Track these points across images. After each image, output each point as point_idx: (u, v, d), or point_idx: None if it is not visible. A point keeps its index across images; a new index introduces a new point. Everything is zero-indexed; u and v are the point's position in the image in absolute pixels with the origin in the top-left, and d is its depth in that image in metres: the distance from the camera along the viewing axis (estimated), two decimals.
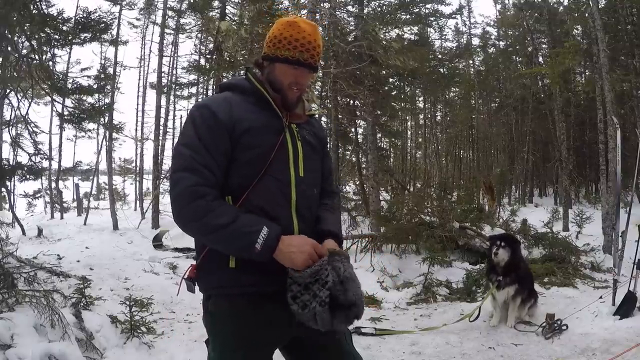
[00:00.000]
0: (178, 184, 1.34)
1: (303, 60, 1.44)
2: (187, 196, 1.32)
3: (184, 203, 1.32)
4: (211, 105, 1.42)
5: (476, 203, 9.47)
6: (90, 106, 8.03)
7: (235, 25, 9.89)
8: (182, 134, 1.43)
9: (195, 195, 1.31)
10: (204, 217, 1.31)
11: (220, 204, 1.34)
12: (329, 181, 1.70)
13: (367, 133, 11.98)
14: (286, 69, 1.45)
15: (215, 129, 1.37)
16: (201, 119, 1.39)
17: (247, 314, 1.40)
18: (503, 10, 22.43)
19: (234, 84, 1.53)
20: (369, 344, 3.81)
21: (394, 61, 8.65)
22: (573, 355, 3.49)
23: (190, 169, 1.34)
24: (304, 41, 1.44)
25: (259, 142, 1.41)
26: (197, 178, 1.33)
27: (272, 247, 1.31)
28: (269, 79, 1.49)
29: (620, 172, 4.98)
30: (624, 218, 4.56)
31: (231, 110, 1.41)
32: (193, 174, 1.33)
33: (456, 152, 26.08)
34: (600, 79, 8.55)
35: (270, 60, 1.48)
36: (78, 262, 6.33)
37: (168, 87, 15.84)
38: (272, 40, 1.47)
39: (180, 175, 1.34)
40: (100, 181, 21.69)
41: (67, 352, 2.72)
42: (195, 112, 1.42)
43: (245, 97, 1.47)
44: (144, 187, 18.44)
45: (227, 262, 1.38)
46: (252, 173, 1.39)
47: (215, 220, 1.30)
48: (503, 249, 4.23)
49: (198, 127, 1.38)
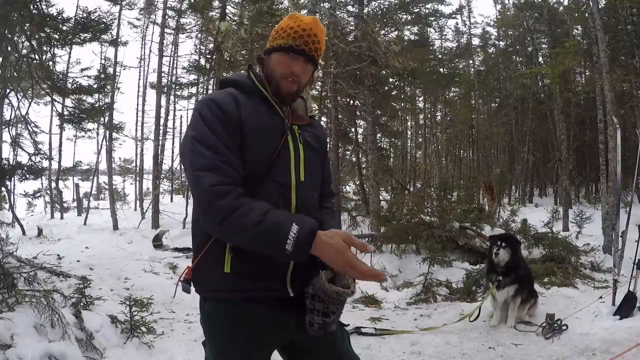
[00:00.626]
0: (199, 183, 1.26)
1: (296, 46, 1.39)
2: (210, 195, 1.24)
3: (208, 204, 1.25)
4: (218, 99, 1.37)
5: (476, 203, 9.47)
6: (90, 106, 8.03)
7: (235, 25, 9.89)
8: (194, 129, 1.34)
9: (219, 194, 1.24)
10: (230, 216, 1.22)
11: (247, 201, 1.25)
12: (328, 183, 1.66)
13: (367, 133, 11.97)
14: (279, 57, 1.41)
15: (227, 123, 1.33)
16: (211, 113, 1.33)
17: (243, 317, 1.39)
18: (503, 10, 22.44)
19: (237, 81, 1.47)
20: (369, 344, 3.81)
21: (393, 62, 8.65)
22: (573, 355, 3.49)
23: (210, 167, 1.27)
24: (298, 29, 1.40)
25: (262, 143, 1.37)
26: (219, 176, 1.26)
27: (306, 246, 1.20)
28: (266, 72, 1.46)
29: (620, 172, 4.98)
30: (624, 218, 4.56)
31: (238, 107, 1.36)
32: (214, 172, 1.26)
33: (456, 152, 26.11)
34: (600, 79, 8.56)
35: (268, 52, 1.46)
36: (78, 262, 6.33)
37: (168, 87, 15.87)
38: (273, 34, 1.45)
39: (201, 175, 1.26)
40: (100, 181, 21.70)
41: (67, 352, 2.73)
42: (203, 107, 1.35)
43: (248, 96, 1.43)
44: (144, 187, 18.46)
45: (222, 266, 1.35)
46: (253, 175, 1.35)
47: (241, 220, 1.22)
48: (504, 249, 4.22)
49: (210, 121, 1.32)
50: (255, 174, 1.36)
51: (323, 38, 1.46)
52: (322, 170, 1.60)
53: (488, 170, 20.57)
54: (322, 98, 11.37)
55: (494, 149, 24.15)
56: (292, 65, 1.41)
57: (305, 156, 1.46)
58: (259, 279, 1.36)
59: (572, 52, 12.15)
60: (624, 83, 13.27)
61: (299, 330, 1.41)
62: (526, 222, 8.51)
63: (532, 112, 18.80)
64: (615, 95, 9.95)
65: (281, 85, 1.42)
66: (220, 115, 1.33)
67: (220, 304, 1.39)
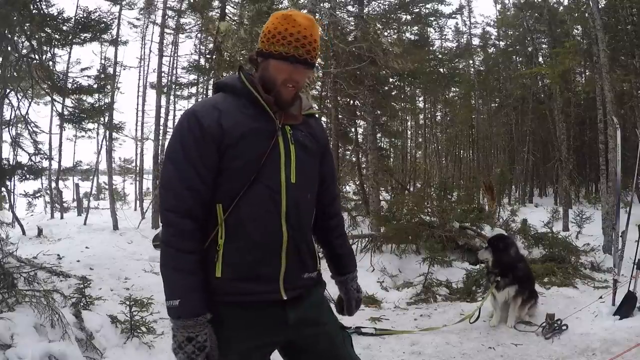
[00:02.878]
0: (160, 200, 1.41)
1: (298, 56, 1.38)
2: (164, 217, 1.38)
3: (162, 222, 1.39)
4: (199, 113, 1.38)
5: (476, 203, 9.45)
6: (90, 106, 8.04)
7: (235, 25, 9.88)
8: (170, 144, 1.42)
9: (166, 221, 1.37)
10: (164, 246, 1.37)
11: (177, 244, 1.35)
12: (328, 182, 1.63)
13: (367, 133, 11.97)
14: (281, 65, 1.39)
15: (201, 141, 1.35)
16: (187, 129, 1.37)
17: (237, 320, 1.40)
18: (503, 10, 22.42)
19: (227, 85, 1.47)
20: (369, 344, 3.81)
21: (392, 63, 8.64)
22: (573, 355, 3.49)
23: (169, 188, 1.38)
24: (299, 36, 1.37)
25: (250, 148, 1.37)
26: (173, 201, 1.36)
27: (171, 316, 1.37)
28: (263, 75, 1.43)
29: (620, 172, 4.97)
30: (624, 218, 4.55)
31: (220, 118, 1.36)
32: (169, 195, 1.37)
33: (456, 152, 26.10)
34: (600, 79, 8.55)
35: (264, 56, 1.42)
36: (78, 262, 6.33)
37: (168, 87, 15.85)
38: (267, 35, 1.41)
39: (163, 193, 1.39)
40: (100, 181, 21.68)
41: (67, 352, 2.72)
42: (183, 121, 1.39)
43: (236, 99, 1.42)
44: (144, 187, 18.46)
45: (214, 270, 1.38)
46: (242, 180, 1.36)
47: (166, 257, 1.37)
48: (485, 250, 4.40)
49: (184, 137, 1.37)
50: (245, 177, 1.36)
51: (319, 37, 1.46)
52: (319, 170, 1.57)
53: (488, 170, 20.57)
54: (322, 98, 11.37)
55: (494, 149, 24.13)
56: (293, 74, 1.41)
57: (297, 157, 1.44)
58: (251, 283, 1.38)
59: (572, 52, 12.14)
60: (624, 83, 13.26)
61: (294, 331, 1.42)
62: (526, 222, 8.50)
63: (532, 112, 18.80)
64: (615, 95, 9.95)
65: (282, 92, 1.42)
66: (195, 132, 1.36)
67: (215, 306, 1.40)
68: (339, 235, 1.71)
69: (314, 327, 1.50)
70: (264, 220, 1.38)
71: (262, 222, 1.38)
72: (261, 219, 1.38)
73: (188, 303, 1.33)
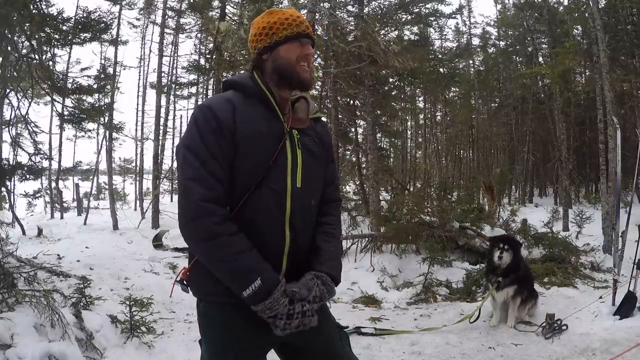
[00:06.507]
0: (187, 193, 1.32)
1: (303, 32, 1.45)
2: (196, 210, 1.31)
3: (190, 218, 1.32)
4: (214, 106, 1.38)
5: (476, 203, 9.46)
6: (90, 106, 8.05)
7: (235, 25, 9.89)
8: (187, 137, 1.38)
9: (205, 211, 1.30)
10: (209, 241, 1.30)
11: (229, 230, 1.31)
12: (331, 188, 1.63)
13: (367, 133, 11.95)
14: (290, 46, 1.45)
15: (219, 132, 1.34)
16: (204, 122, 1.35)
17: (234, 320, 1.41)
18: (503, 10, 22.42)
19: (237, 83, 1.48)
20: (368, 344, 3.82)
21: (393, 62, 8.64)
22: (573, 355, 3.49)
23: (198, 179, 1.32)
24: (291, 19, 1.45)
25: (258, 150, 1.37)
26: (205, 190, 1.31)
27: (259, 299, 1.31)
28: (276, 66, 1.45)
29: (620, 172, 4.97)
30: (624, 218, 4.55)
31: (234, 113, 1.37)
32: (200, 185, 1.31)
33: (456, 152, 26.07)
34: (600, 79, 8.55)
35: (271, 48, 1.46)
36: (78, 262, 6.32)
37: (168, 87, 15.86)
38: (263, 31, 1.46)
39: (190, 185, 1.32)
40: (100, 181, 21.67)
41: (67, 352, 2.73)
42: (198, 115, 1.38)
43: (247, 98, 1.43)
44: (144, 187, 18.45)
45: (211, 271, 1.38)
46: (249, 182, 1.37)
47: (217, 251, 1.31)
48: (507, 252, 4.22)
49: (202, 130, 1.35)
50: (251, 179, 1.36)
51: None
52: (324, 174, 1.57)
53: (488, 170, 20.55)
54: (322, 98, 11.36)
55: (494, 149, 24.11)
56: (304, 49, 1.46)
57: (304, 162, 1.44)
58: None
59: (572, 52, 12.13)
60: (624, 83, 13.24)
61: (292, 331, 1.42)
62: (526, 222, 8.49)
63: (532, 112, 18.78)
64: (615, 95, 9.95)
65: (300, 73, 1.45)
66: (212, 124, 1.35)
67: (213, 306, 1.41)
68: (325, 232, 1.56)
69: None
70: (267, 224, 1.38)
71: (265, 225, 1.38)
72: (264, 222, 1.38)
73: (269, 273, 1.32)
